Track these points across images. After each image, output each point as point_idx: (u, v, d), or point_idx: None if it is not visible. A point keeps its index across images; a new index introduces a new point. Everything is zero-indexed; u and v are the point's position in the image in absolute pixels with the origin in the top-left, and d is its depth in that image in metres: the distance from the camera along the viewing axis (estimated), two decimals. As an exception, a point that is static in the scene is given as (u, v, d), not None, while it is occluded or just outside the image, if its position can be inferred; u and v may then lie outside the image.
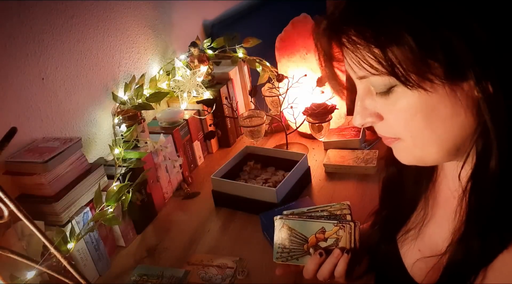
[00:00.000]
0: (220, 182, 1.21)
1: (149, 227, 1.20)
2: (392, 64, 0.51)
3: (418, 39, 0.48)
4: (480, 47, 0.48)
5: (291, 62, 1.43)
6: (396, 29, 0.49)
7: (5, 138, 0.54)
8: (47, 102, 1.09)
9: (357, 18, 0.52)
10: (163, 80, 1.36)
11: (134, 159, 1.13)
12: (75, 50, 1.17)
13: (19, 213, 0.56)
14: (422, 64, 0.50)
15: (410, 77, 0.51)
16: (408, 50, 0.49)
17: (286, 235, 0.75)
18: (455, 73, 0.50)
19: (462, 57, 0.48)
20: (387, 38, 0.50)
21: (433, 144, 0.56)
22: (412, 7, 0.48)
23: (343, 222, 0.73)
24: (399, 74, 0.51)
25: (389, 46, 0.50)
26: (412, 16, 0.48)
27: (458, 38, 0.47)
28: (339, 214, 0.76)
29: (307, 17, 1.42)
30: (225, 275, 0.97)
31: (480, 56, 0.48)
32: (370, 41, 0.51)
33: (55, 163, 0.95)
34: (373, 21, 0.51)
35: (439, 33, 0.48)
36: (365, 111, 0.58)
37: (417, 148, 0.57)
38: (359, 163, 1.28)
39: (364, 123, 0.59)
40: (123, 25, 1.34)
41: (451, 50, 0.48)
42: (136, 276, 1.01)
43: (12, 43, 0.99)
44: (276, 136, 1.57)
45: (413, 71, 0.50)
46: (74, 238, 0.93)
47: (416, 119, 0.54)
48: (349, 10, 0.53)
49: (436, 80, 0.50)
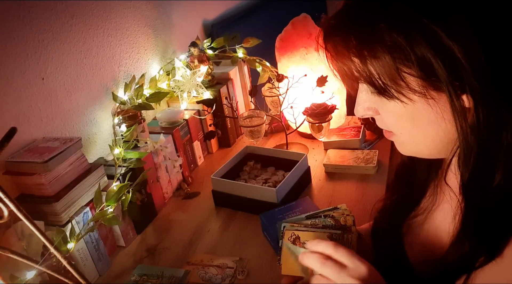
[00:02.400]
0: (220, 182, 1.21)
1: (149, 227, 1.20)
2: (371, 76, 0.54)
3: (395, 55, 0.51)
4: (454, 64, 0.49)
5: (291, 62, 1.43)
6: (376, 44, 0.52)
7: (5, 138, 0.54)
8: (47, 102, 1.09)
9: (344, 29, 0.55)
10: (163, 80, 1.36)
11: (134, 159, 1.13)
12: (75, 50, 1.17)
13: (19, 213, 0.56)
14: (399, 78, 0.52)
15: (388, 89, 0.54)
16: (385, 65, 0.52)
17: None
18: (431, 87, 0.52)
19: (437, 72, 0.50)
20: (368, 51, 0.53)
21: (423, 141, 0.59)
22: (394, 25, 0.51)
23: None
24: (377, 86, 0.55)
25: (369, 59, 0.53)
26: (395, 33, 0.51)
27: (432, 55, 0.49)
28: (344, 224, 0.76)
29: (307, 17, 1.42)
30: (225, 275, 0.97)
31: (454, 72, 0.50)
32: (353, 52, 0.54)
33: (55, 163, 0.95)
34: (358, 35, 0.54)
35: (416, 50, 0.50)
36: (364, 104, 0.61)
37: (409, 143, 0.62)
38: (359, 163, 1.28)
39: (363, 115, 0.63)
40: (123, 25, 1.34)
41: (426, 67, 0.50)
42: (136, 276, 1.01)
43: (12, 43, 0.99)
44: (276, 136, 1.57)
45: (390, 84, 0.53)
46: (74, 238, 0.93)
47: (403, 121, 0.58)
48: (339, 21, 0.57)
49: (413, 94, 0.53)
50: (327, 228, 0.75)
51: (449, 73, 0.50)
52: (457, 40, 0.49)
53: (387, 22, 0.51)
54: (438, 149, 0.59)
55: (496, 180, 0.53)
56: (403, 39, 0.50)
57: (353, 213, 0.78)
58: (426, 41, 0.49)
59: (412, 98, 0.54)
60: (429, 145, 0.59)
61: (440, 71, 0.50)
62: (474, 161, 0.53)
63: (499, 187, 0.53)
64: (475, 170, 0.54)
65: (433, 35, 0.49)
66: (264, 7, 2.15)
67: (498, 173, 0.53)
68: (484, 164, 0.53)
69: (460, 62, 0.49)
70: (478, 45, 0.48)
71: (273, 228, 1.00)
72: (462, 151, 0.54)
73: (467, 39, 0.48)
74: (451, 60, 0.49)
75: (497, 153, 0.52)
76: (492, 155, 0.53)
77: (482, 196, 0.55)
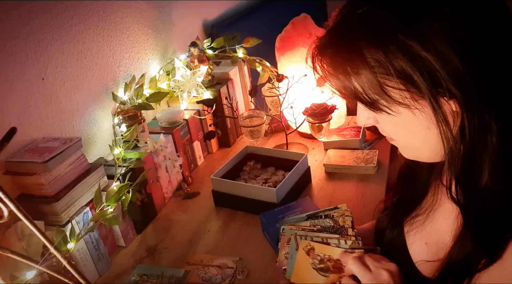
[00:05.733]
0: (220, 182, 1.21)
1: (149, 227, 1.20)
2: (356, 91, 0.57)
3: (376, 70, 0.54)
4: (433, 74, 0.51)
5: (291, 62, 1.43)
6: (358, 60, 0.55)
7: (5, 139, 0.54)
8: (47, 102, 1.09)
9: (330, 49, 0.59)
10: (163, 80, 1.36)
11: (134, 159, 1.13)
12: (75, 50, 1.17)
13: (19, 213, 0.56)
14: (383, 92, 0.55)
15: (373, 103, 0.57)
16: (368, 80, 0.55)
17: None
18: (415, 97, 0.54)
19: (417, 83, 0.52)
20: (351, 68, 0.56)
21: (420, 146, 0.61)
22: (372, 42, 0.53)
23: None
24: (363, 100, 0.58)
25: (353, 75, 0.56)
26: (374, 49, 0.53)
27: (411, 67, 0.52)
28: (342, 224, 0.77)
29: (307, 17, 1.42)
30: (225, 275, 0.97)
31: (434, 81, 0.52)
32: (339, 70, 0.57)
33: (55, 163, 0.95)
34: (341, 53, 0.57)
35: (394, 64, 0.52)
36: (364, 114, 0.64)
37: (408, 148, 0.65)
38: (359, 163, 1.28)
39: (365, 124, 0.65)
40: (123, 25, 1.34)
41: (406, 79, 0.53)
42: (136, 276, 1.01)
43: (12, 43, 0.99)
44: (276, 136, 1.57)
45: (375, 98, 0.56)
46: (74, 238, 0.93)
47: (398, 128, 0.60)
48: (326, 41, 0.60)
49: (398, 105, 0.56)
50: (326, 230, 0.76)
51: (429, 83, 0.52)
52: (432, 50, 0.50)
53: (366, 39, 0.54)
54: (435, 153, 0.60)
55: (483, 181, 0.55)
56: (382, 54, 0.53)
57: (353, 213, 0.78)
58: (403, 54, 0.52)
59: (399, 110, 0.56)
60: (426, 150, 0.61)
61: (419, 82, 0.52)
62: (459, 164, 0.55)
63: (486, 188, 0.55)
64: (460, 173, 0.56)
65: (409, 49, 0.51)
66: (264, 7, 2.15)
67: (484, 174, 0.54)
68: (470, 167, 0.55)
69: (438, 71, 0.51)
70: (453, 53, 0.50)
71: (273, 228, 1.00)
72: (448, 155, 0.56)
73: (442, 48, 0.50)
74: (429, 71, 0.51)
75: (482, 155, 0.54)
76: (478, 158, 0.54)
77: (470, 198, 0.57)
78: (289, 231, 0.78)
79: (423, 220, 0.72)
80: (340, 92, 0.60)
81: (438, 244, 0.67)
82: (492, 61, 0.51)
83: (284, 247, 0.78)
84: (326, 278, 0.72)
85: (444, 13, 0.51)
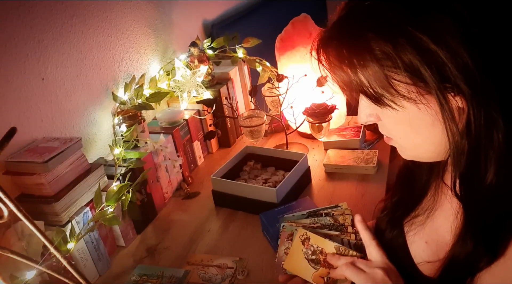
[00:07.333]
0: (220, 182, 1.21)
1: (149, 227, 1.20)
2: (362, 85, 0.56)
3: (383, 63, 0.53)
4: (441, 68, 0.51)
5: (291, 62, 1.43)
6: (365, 53, 0.54)
7: (5, 139, 0.54)
8: (47, 102, 1.09)
9: (336, 41, 0.57)
10: (163, 80, 1.36)
11: (134, 159, 1.13)
12: (75, 50, 1.17)
13: (19, 213, 0.56)
14: (389, 86, 0.54)
15: (379, 97, 0.56)
16: (375, 73, 0.54)
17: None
18: (422, 92, 0.53)
19: (425, 77, 0.51)
20: (358, 61, 0.55)
21: (422, 145, 0.61)
22: (381, 34, 0.52)
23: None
24: (368, 94, 0.56)
25: (359, 68, 0.55)
26: (382, 42, 0.52)
27: (419, 61, 0.51)
28: (342, 222, 0.77)
29: (307, 17, 1.42)
30: (225, 275, 0.97)
31: (442, 76, 0.51)
32: (345, 62, 0.56)
33: (55, 163, 0.95)
34: (348, 45, 0.56)
35: (403, 57, 0.51)
36: (366, 110, 0.63)
37: (408, 148, 0.63)
38: (359, 163, 1.28)
39: (367, 122, 0.64)
40: (123, 25, 1.34)
41: (414, 72, 0.52)
42: (136, 276, 1.01)
43: (12, 43, 0.99)
44: (276, 136, 1.57)
45: (381, 92, 0.55)
46: (74, 238, 0.93)
47: (402, 125, 0.59)
48: (331, 33, 0.58)
49: (404, 100, 0.55)
50: (326, 228, 0.76)
51: (437, 78, 0.51)
52: (442, 44, 0.50)
53: (375, 31, 0.53)
54: (437, 152, 0.60)
55: (488, 179, 0.54)
56: (391, 47, 0.52)
57: (353, 213, 0.78)
58: (412, 47, 0.51)
59: (404, 105, 0.55)
60: (428, 148, 0.60)
61: (427, 76, 0.51)
62: (464, 161, 0.55)
63: (491, 185, 0.54)
64: (465, 170, 0.55)
65: (419, 42, 0.50)
66: (264, 7, 2.15)
67: (489, 172, 0.54)
68: (475, 164, 0.54)
69: (447, 66, 0.50)
70: (463, 48, 0.49)
71: (273, 228, 1.00)
72: (453, 152, 0.55)
73: (453, 43, 0.49)
74: (438, 65, 0.50)
75: (488, 152, 0.53)
76: (483, 155, 0.54)
77: (474, 195, 0.56)
78: (290, 227, 0.78)
79: (423, 220, 0.71)
80: (343, 87, 0.59)
81: (439, 243, 0.67)
82: (501, 58, 0.51)
83: (284, 242, 0.78)
84: (315, 270, 0.73)
85: (456, 7, 0.50)
